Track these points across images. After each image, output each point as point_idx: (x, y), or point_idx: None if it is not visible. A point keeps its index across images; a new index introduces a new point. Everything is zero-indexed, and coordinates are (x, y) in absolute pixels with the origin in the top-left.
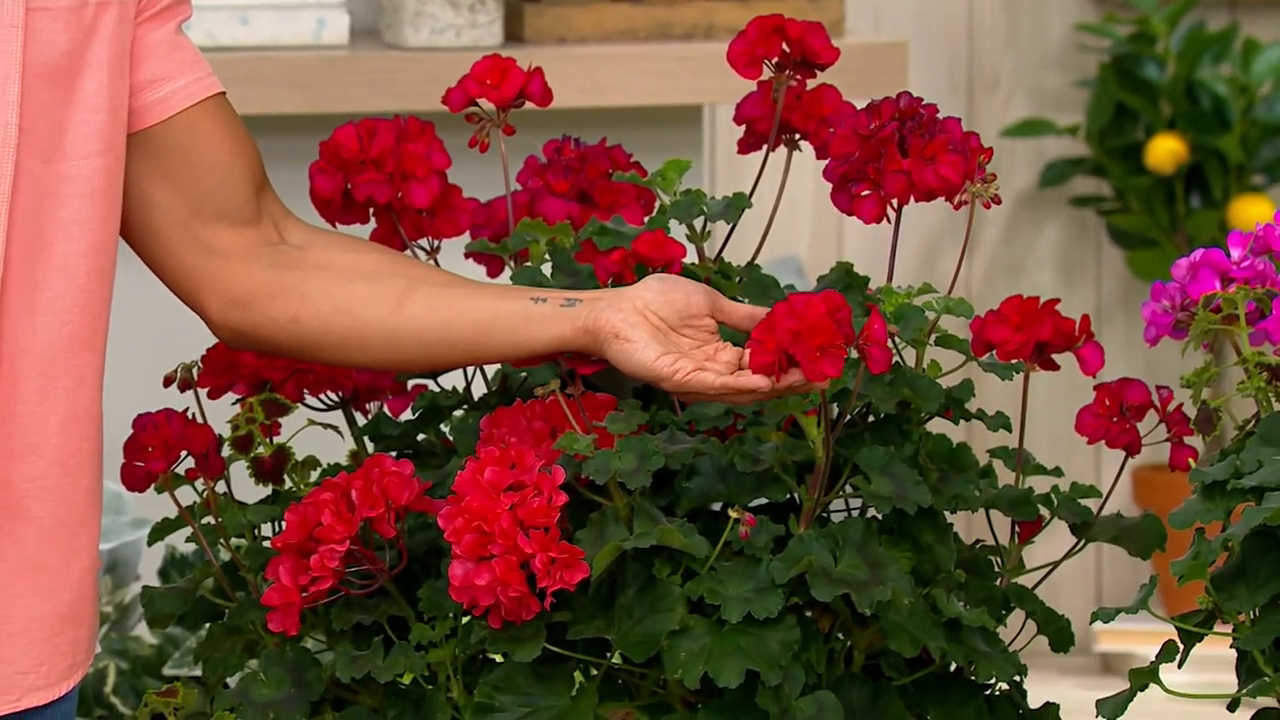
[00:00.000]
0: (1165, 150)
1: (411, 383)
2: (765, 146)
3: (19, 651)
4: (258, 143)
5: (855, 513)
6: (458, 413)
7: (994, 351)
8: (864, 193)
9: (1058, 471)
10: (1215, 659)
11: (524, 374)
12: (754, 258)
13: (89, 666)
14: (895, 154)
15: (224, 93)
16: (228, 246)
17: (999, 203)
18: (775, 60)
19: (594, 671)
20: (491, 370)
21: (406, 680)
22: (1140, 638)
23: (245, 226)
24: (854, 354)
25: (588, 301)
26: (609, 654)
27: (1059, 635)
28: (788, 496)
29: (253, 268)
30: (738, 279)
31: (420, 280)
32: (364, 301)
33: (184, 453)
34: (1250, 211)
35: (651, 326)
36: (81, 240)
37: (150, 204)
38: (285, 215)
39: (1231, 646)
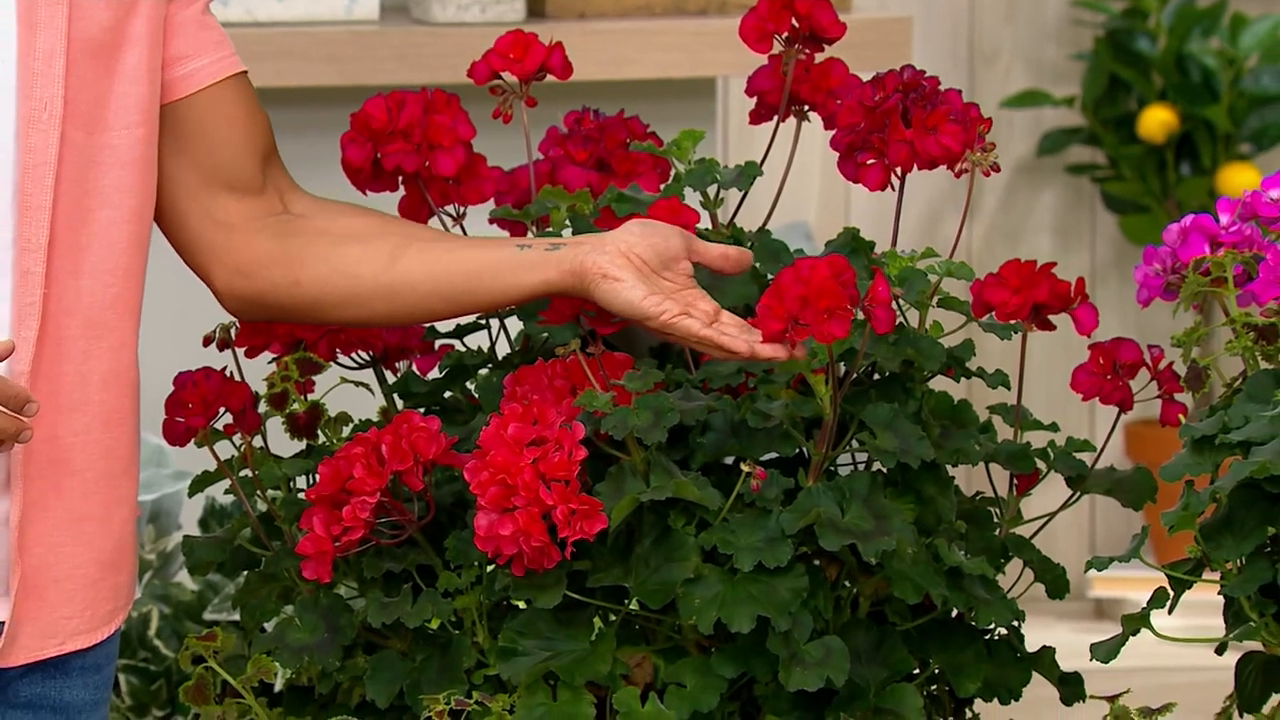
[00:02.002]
0: (1157, 120)
1: (439, 342)
2: (775, 117)
3: (64, 597)
4: (292, 114)
5: (861, 467)
6: (482, 371)
7: (993, 312)
8: (869, 161)
9: (1054, 427)
10: (1203, 605)
11: (545, 334)
12: (765, 223)
13: (129, 611)
14: (899, 124)
15: (245, 71)
16: (235, 218)
17: (998, 171)
18: (785, 35)
19: (612, 618)
20: (515, 330)
21: (434, 625)
22: (1132, 584)
23: (252, 198)
24: (860, 315)
25: (572, 245)
26: (626, 601)
27: (1055, 583)
28: (797, 451)
29: (256, 238)
30: (749, 244)
31: (412, 237)
32: (359, 261)
33: (222, 409)
34: (1237, 179)
35: (635, 268)
36: (123, 207)
37: (165, 176)
38: (290, 186)
39: (1219, 593)
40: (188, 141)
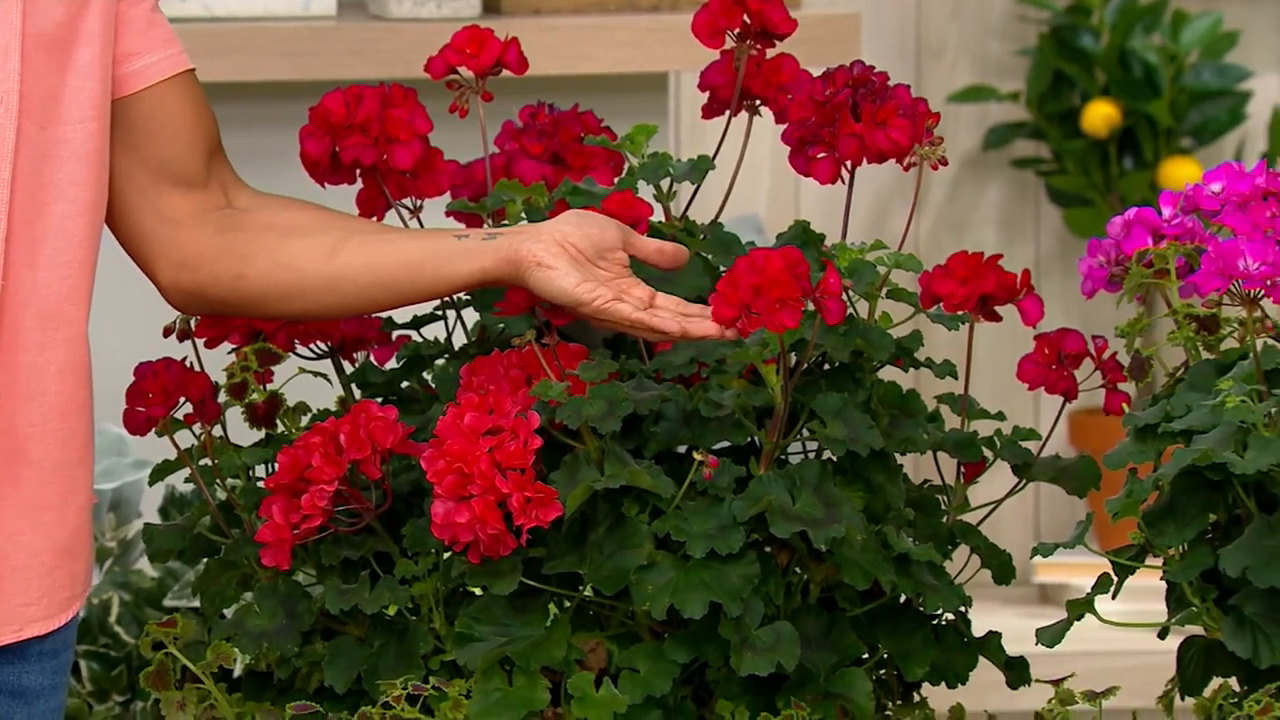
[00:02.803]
0: (1100, 115)
1: (396, 333)
2: (727, 112)
3: (20, 585)
4: (250, 108)
5: (811, 455)
6: (439, 361)
7: (941, 304)
8: (819, 155)
9: (1000, 416)
10: (1146, 590)
11: (501, 325)
12: (717, 216)
13: (86, 597)
14: (849, 119)
15: (193, 69)
16: (179, 213)
17: (945, 164)
18: (737, 31)
19: (567, 604)
20: (471, 321)
21: (391, 612)
22: (1077, 570)
23: (196, 192)
24: (811, 306)
25: (508, 234)
26: (581, 587)
27: (1001, 569)
28: (748, 440)
29: (200, 233)
30: (702, 236)
31: (353, 230)
32: (301, 254)
33: (182, 399)
34: (1179, 173)
35: (570, 257)
36: (78, 200)
37: (112, 171)
38: (235, 180)
39: (1161, 579)
40: (135, 137)
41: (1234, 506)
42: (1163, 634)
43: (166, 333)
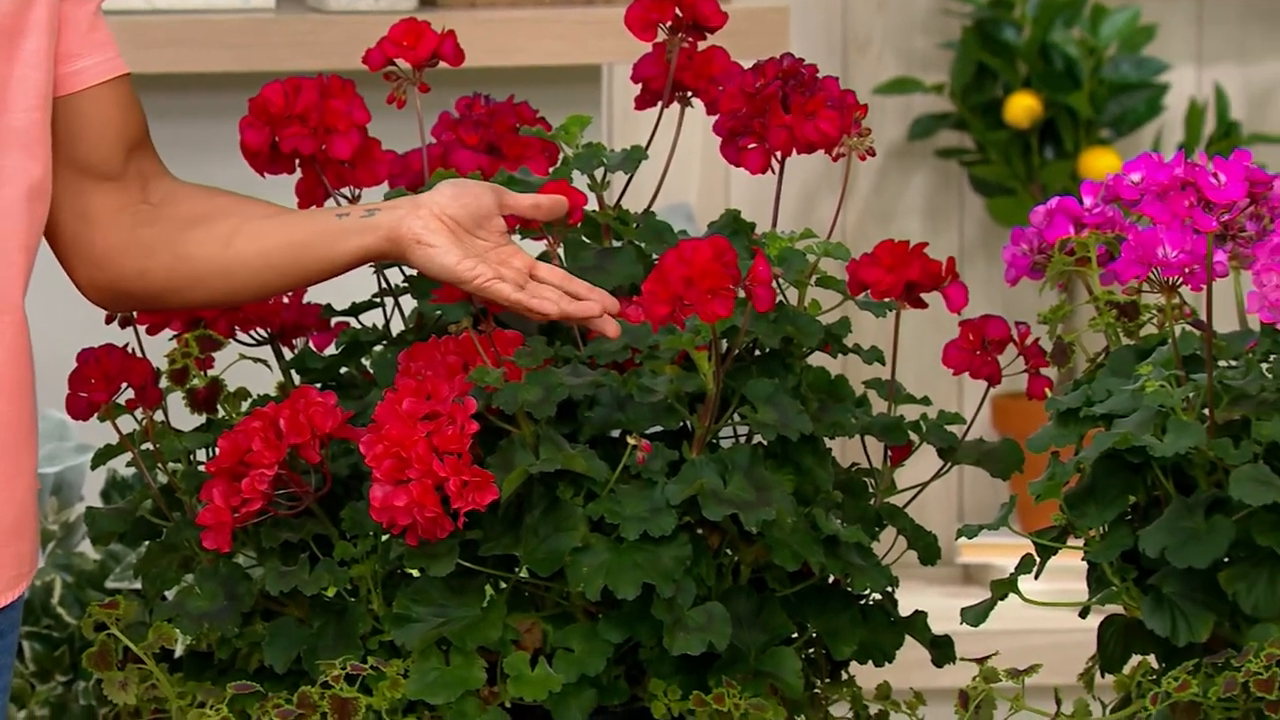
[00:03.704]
0: (1022, 107)
1: (335, 320)
2: (659, 103)
3: None
4: (191, 99)
5: (742, 439)
6: (377, 348)
7: (868, 291)
8: (750, 146)
9: (926, 400)
10: (1068, 570)
11: (438, 312)
12: (649, 205)
13: (32, 578)
14: (779, 110)
15: (129, 74)
16: (96, 211)
17: (873, 155)
18: (668, 24)
19: (503, 585)
20: (409, 308)
21: (330, 593)
22: (1000, 551)
23: (114, 191)
24: (742, 294)
25: (387, 210)
26: (517, 569)
27: (927, 550)
28: (681, 425)
29: (113, 231)
30: (635, 225)
31: (247, 216)
32: (198, 245)
33: (124, 384)
34: (1099, 163)
35: (449, 231)
36: (23, 186)
37: None
38: (156, 174)
39: (1083, 559)
40: (64, 136)
41: (1153, 488)
42: (1084, 613)
43: (109, 319)
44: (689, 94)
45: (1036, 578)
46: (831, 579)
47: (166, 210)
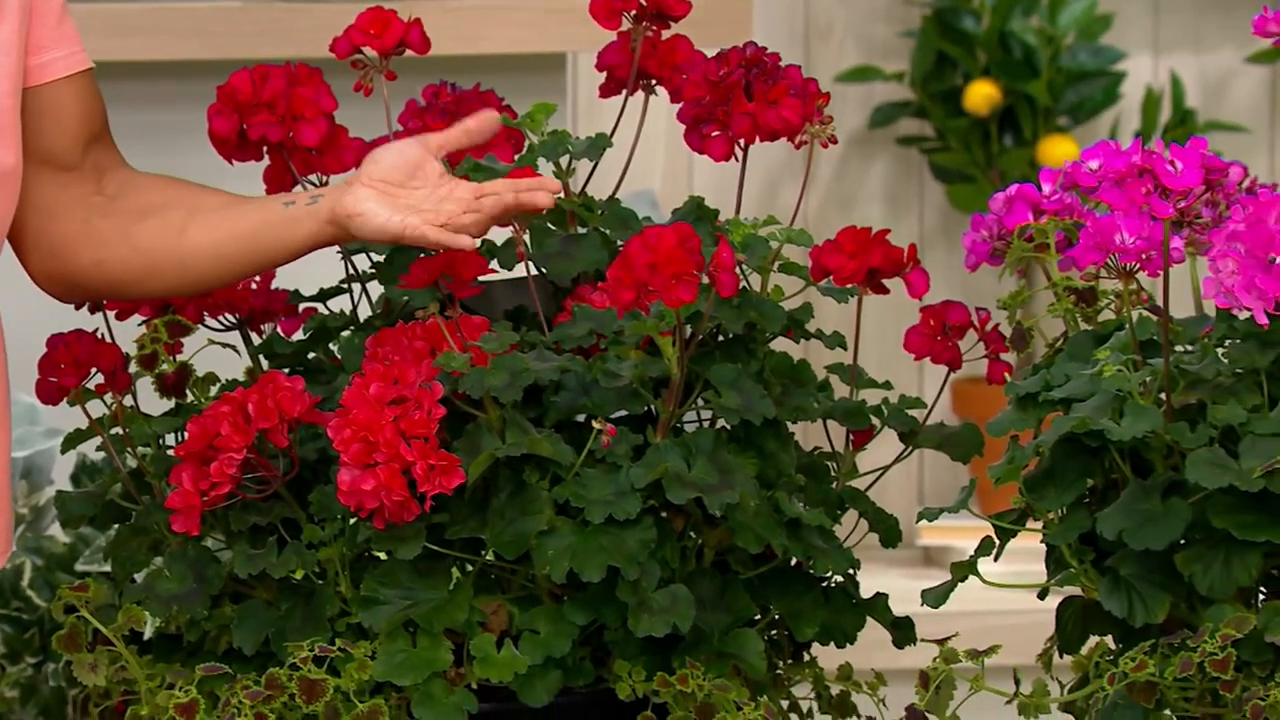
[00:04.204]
0: (981, 95)
1: (302, 305)
2: (624, 91)
3: None
4: (160, 87)
5: (706, 424)
6: (345, 333)
7: (831, 277)
8: (714, 133)
9: (887, 385)
10: (1027, 552)
11: (405, 298)
12: (614, 192)
13: (6, 559)
14: (742, 98)
15: (92, 68)
16: (51, 203)
17: (835, 142)
18: (633, 12)
19: (469, 568)
20: (376, 294)
21: (298, 576)
22: (960, 534)
23: (70, 184)
24: (705, 280)
25: (329, 194)
26: (483, 552)
27: (888, 532)
28: (645, 409)
29: (68, 223)
30: (600, 212)
31: (199, 207)
32: (152, 236)
33: (94, 369)
34: (1057, 150)
35: (380, 194)
36: None
37: None
38: (112, 165)
39: (1042, 541)
40: (26, 127)
41: (1110, 472)
42: (1042, 594)
43: (78, 305)
44: (653, 82)
45: (996, 560)
46: (794, 561)
47: (121, 202)
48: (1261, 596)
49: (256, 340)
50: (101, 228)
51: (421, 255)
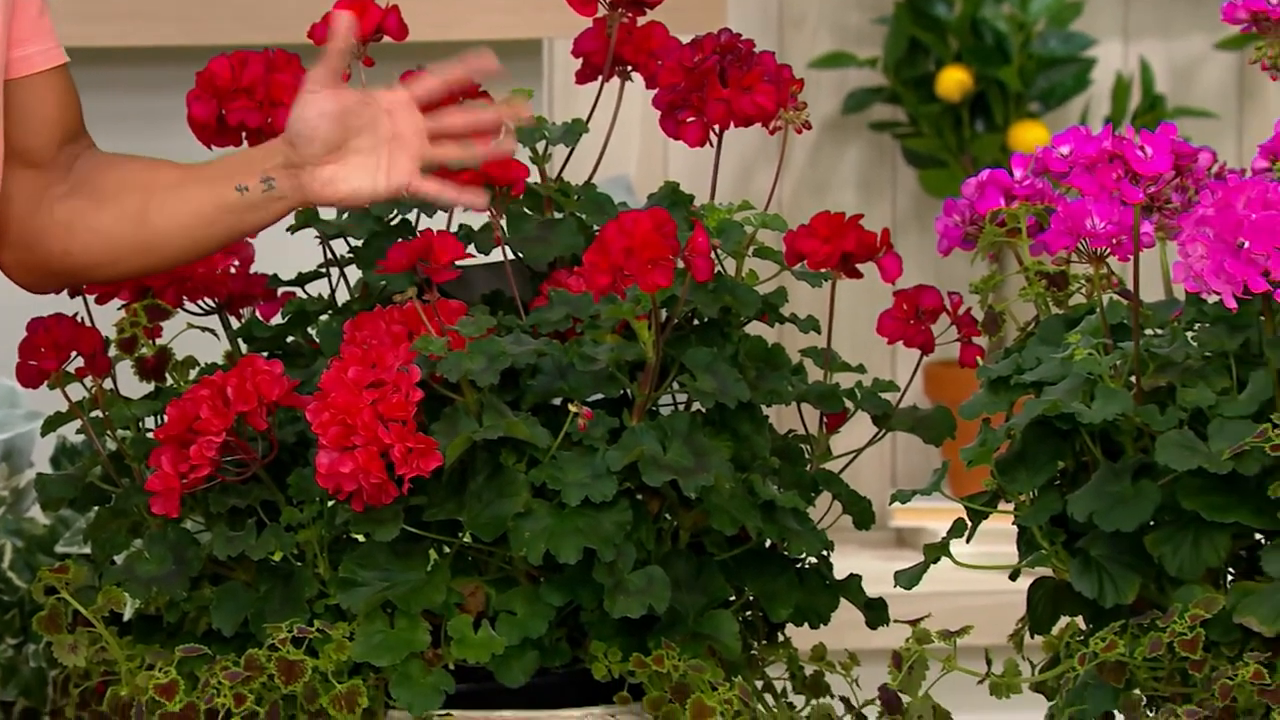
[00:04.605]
0: (953, 80)
1: (281, 290)
2: (600, 77)
3: None
4: (141, 72)
5: (682, 407)
6: (323, 317)
7: (805, 261)
8: (689, 119)
9: (860, 369)
10: (998, 533)
11: (383, 282)
12: (590, 177)
13: None
14: (717, 84)
15: (68, 62)
16: (22, 194)
17: (809, 128)
18: None
19: (447, 550)
20: (355, 278)
21: (277, 558)
22: (932, 515)
23: (42, 176)
24: (681, 264)
25: (284, 179)
26: (460, 534)
27: (861, 514)
28: (621, 392)
29: (38, 214)
30: (576, 197)
31: (153, 188)
32: (113, 223)
33: (74, 353)
34: (1028, 136)
35: (341, 164)
36: None
37: None
38: (82, 151)
39: (1013, 523)
40: (5, 121)
41: (1081, 454)
42: (1014, 575)
43: (55, 292)
44: (629, 68)
45: (968, 541)
46: (768, 543)
47: (82, 188)
48: (1230, 577)
49: (235, 324)
50: (63, 217)
51: (400, 240)
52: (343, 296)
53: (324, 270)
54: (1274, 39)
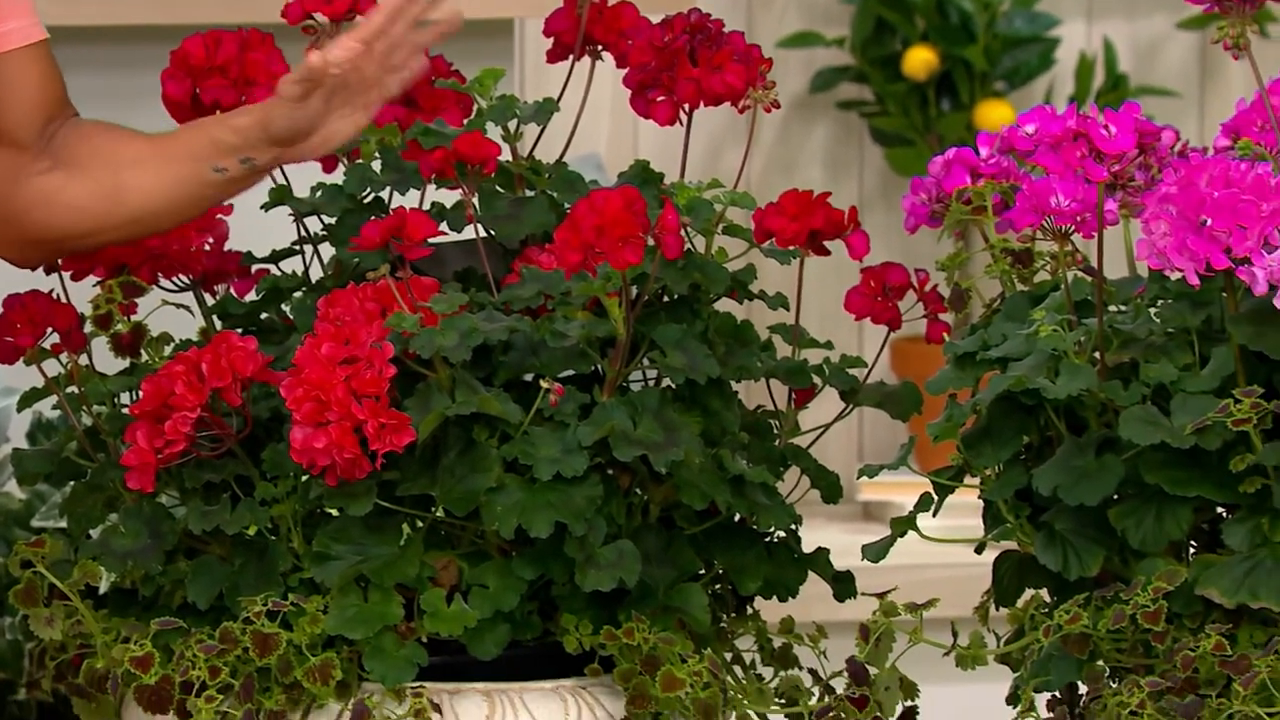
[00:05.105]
0: (919, 60)
1: (255, 267)
2: (571, 57)
3: None
4: (115, 50)
5: (652, 383)
6: (297, 294)
7: (773, 239)
8: (659, 98)
9: (828, 345)
10: (964, 507)
11: (356, 259)
12: (561, 156)
13: None
14: (686, 64)
15: (48, 38)
16: (4, 173)
17: (778, 107)
18: None
19: (420, 524)
20: (328, 255)
21: (252, 532)
22: (899, 490)
23: (23, 153)
24: (651, 242)
25: (261, 151)
26: (433, 509)
27: (829, 489)
28: (592, 369)
29: (16, 194)
30: (547, 175)
31: (123, 164)
32: (90, 198)
33: (49, 329)
34: (993, 114)
35: (322, 128)
36: None
37: None
38: (63, 125)
39: (979, 497)
40: None
41: (1046, 429)
42: (979, 549)
43: (34, 267)
44: (599, 48)
45: (934, 515)
46: (738, 517)
47: (61, 163)
48: (1192, 550)
49: (210, 301)
50: (44, 191)
51: (373, 218)
52: (316, 273)
53: (298, 247)
54: (1235, 19)
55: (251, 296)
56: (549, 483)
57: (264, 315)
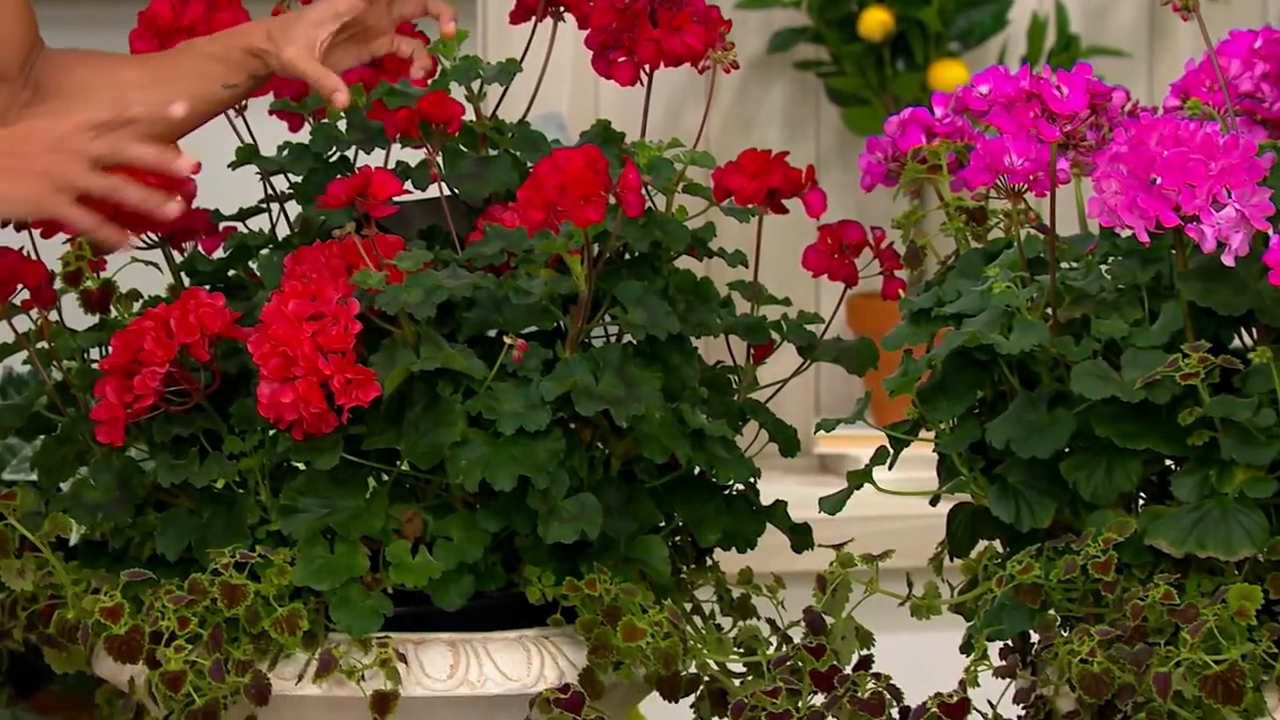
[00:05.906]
0: (875, 20)
1: (223, 224)
2: (533, 18)
3: None
4: (83, 10)
5: (613, 339)
6: (264, 251)
7: (732, 197)
8: (620, 59)
9: (786, 301)
10: (919, 460)
11: (323, 217)
12: (524, 115)
13: None
14: (647, 25)
15: None
16: None
17: (736, 67)
18: None
19: (385, 478)
20: (295, 213)
21: (220, 485)
22: (856, 443)
23: (10, 85)
24: (612, 200)
25: (265, 70)
26: (398, 462)
27: (787, 442)
28: (555, 325)
29: (6, 122)
30: (510, 134)
31: (123, 88)
32: None
33: (20, 285)
34: (947, 75)
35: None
36: None
37: None
38: (38, 58)
39: (934, 450)
40: None
41: (999, 384)
42: (934, 501)
43: (3, 223)
44: (561, 9)
45: (890, 468)
46: (697, 470)
47: (48, 92)
48: (1141, 502)
49: (178, 258)
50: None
51: (339, 176)
52: (283, 231)
53: (265, 205)
54: None
55: (219, 254)
56: (512, 437)
57: (231, 272)
